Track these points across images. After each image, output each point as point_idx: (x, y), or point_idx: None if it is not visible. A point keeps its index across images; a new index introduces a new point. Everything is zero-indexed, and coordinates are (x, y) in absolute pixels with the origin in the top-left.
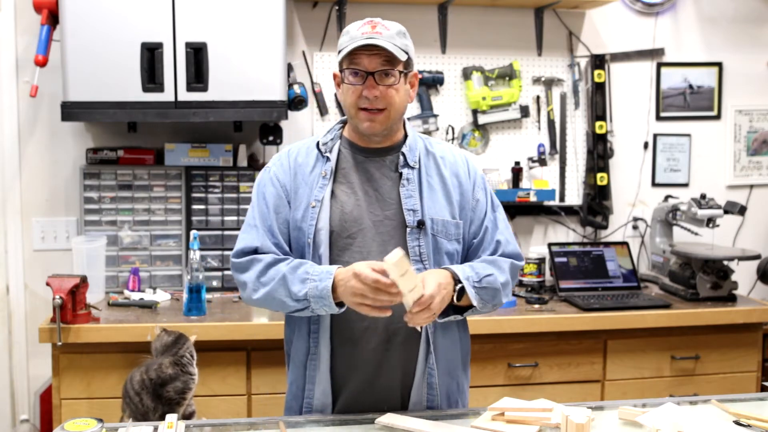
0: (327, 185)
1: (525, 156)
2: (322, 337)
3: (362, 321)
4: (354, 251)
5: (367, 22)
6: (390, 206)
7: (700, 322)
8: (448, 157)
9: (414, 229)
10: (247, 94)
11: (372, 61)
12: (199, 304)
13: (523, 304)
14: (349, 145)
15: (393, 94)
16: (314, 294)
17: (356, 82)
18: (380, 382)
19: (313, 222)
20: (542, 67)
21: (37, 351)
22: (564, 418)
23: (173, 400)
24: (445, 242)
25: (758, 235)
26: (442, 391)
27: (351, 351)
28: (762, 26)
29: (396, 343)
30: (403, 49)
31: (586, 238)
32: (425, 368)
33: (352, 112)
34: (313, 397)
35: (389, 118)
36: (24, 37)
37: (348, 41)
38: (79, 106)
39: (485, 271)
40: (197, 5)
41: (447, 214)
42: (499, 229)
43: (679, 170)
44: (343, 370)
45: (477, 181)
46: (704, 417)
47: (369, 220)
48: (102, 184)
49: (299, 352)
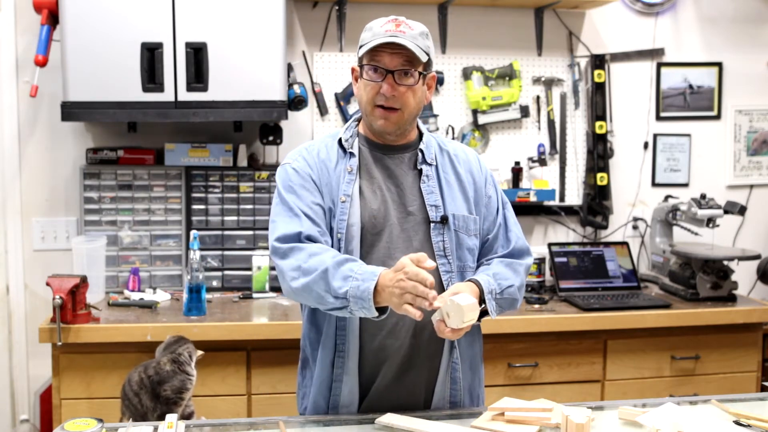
0: (354, 180)
1: (525, 156)
2: (351, 336)
3: (391, 317)
4: (382, 246)
5: (392, 20)
6: (413, 202)
7: (700, 322)
8: (461, 155)
9: (437, 224)
10: (247, 94)
11: (393, 60)
12: (199, 304)
13: (523, 304)
14: (367, 142)
15: (410, 95)
16: (354, 294)
17: (375, 79)
18: (407, 378)
19: (344, 217)
20: (542, 67)
21: (37, 351)
22: (564, 418)
23: (171, 399)
24: (466, 237)
25: (758, 235)
26: (465, 386)
27: (380, 347)
28: (762, 26)
29: (423, 339)
30: (425, 51)
31: (586, 238)
32: (449, 363)
33: (368, 109)
34: (340, 395)
35: (403, 118)
36: (24, 37)
37: (370, 37)
38: (79, 106)
39: (506, 282)
40: (197, 5)
41: (465, 210)
42: (509, 225)
43: (679, 170)
44: (372, 368)
45: (488, 179)
46: (704, 417)
47: (394, 217)
48: (102, 184)
49: (327, 352)
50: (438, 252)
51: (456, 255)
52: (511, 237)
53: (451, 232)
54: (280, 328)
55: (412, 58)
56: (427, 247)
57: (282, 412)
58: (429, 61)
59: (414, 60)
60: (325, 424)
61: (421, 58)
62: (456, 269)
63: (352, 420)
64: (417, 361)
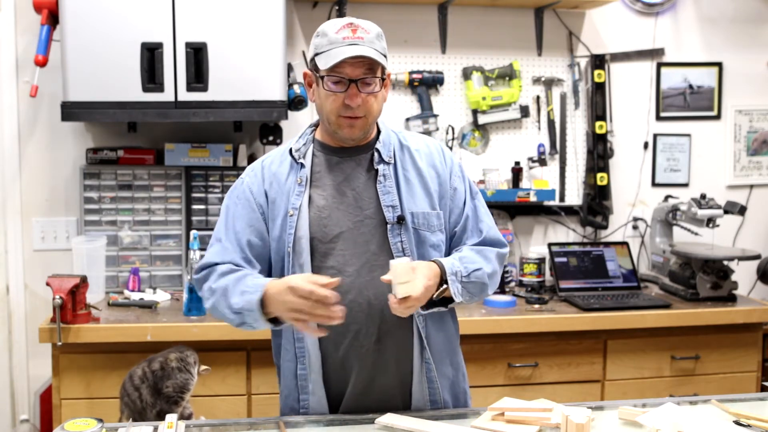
0: (304, 192)
1: (525, 156)
2: (310, 346)
3: (352, 324)
4: (337, 255)
5: (347, 26)
6: (369, 205)
7: (700, 322)
8: (423, 149)
9: (394, 225)
10: (247, 94)
11: (355, 70)
12: (199, 304)
13: (523, 304)
14: (323, 148)
15: (372, 101)
16: (244, 306)
17: (338, 90)
18: (378, 383)
19: (292, 231)
20: (542, 67)
21: (37, 351)
22: (564, 418)
23: (172, 398)
24: (429, 234)
25: (758, 235)
26: (445, 384)
27: (344, 356)
28: (762, 26)
29: (389, 343)
30: (383, 53)
31: (586, 238)
32: (422, 363)
33: (332, 119)
34: (309, 407)
35: (367, 123)
36: (24, 37)
37: (327, 45)
38: (79, 106)
39: (474, 265)
40: (197, 5)
41: (427, 206)
42: (479, 216)
43: (679, 170)
44: (338, 376)
45: (454, 170)
46: (704, 417)
47: (349, 222)
48: (102, 184)
49: (289, 363)
50: (397, 253)
51: (418, 253)
52: (482, 227)
53: (410, 231)
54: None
55: (374, 65)
56: (385, 249)
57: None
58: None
59: (375, 66)
60: (325, 424)
61: (383, 64)
62: None
63: (353, 420)
64: (385, 366)
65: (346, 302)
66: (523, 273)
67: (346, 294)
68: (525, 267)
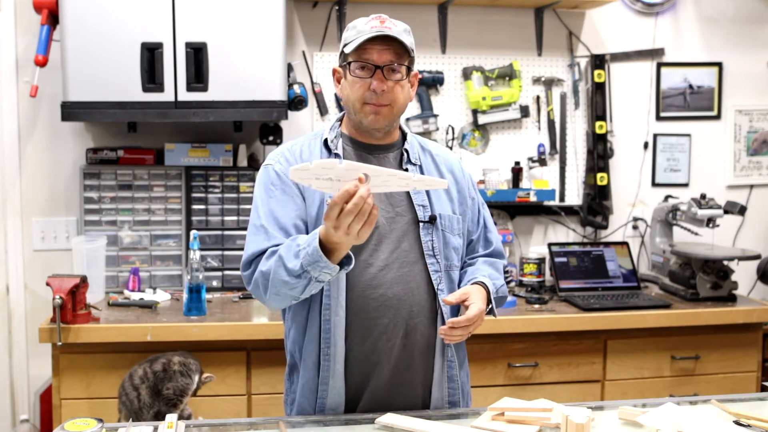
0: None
1: (525, 156)
2: (336, 338)
3: (381, 318)
4: (369, 248)
5: (376, 17)
6: (400, 203)
7: (700, 322)
8: (442, 155)
9: (426, 224)
10: (247, 94)
11: (382, 56)
12: (199, 304)
13: (523, 304)
14: (351, 142)
15: (398, 90)
16: (308, 261)
17: (364, 76)
18: (402, 379)
19: None
20: (542, 67)
21: (37, 351)
22: (564, 418)
23: (171, 400)
24: (451, 237)
25: (758, 235)
26: (461, 384)
27: (371, 350)
28: (762, 26)
29: (414, 340)
30: (410, 46)
31: (586, 238)
32: (444, 362)
33: (357, 107)
34: (327, 397)
35: (392, 113)
36: (24, 37)
37: (356, 35)
38: (79, 106)
39: (499, 282)
40: (197, 5)
41: (450, 210)
42: (488, 227)
43: (679, 170)
44: (363, 370)
45: (470, 181)
46: (704, 417)
47: (382, 218)
48: (102, 184)
49: (311, 354)
50: (427, 252)
51: (443, 254)
52: (491, 238)
53: (439, 231)
54: (280, 328)
55: (400, 53)
56: (417, 248)
57: (282, 412)
58: (412, 58)
59: (401, 55)
60: (325, 424)
61: (409, 52)
62: (443, 268)
63: (353, 420)
64: (410, 363)
65: (376, 296)
66: (523, 273)
67: (376, 288)
68: (525, 267)
